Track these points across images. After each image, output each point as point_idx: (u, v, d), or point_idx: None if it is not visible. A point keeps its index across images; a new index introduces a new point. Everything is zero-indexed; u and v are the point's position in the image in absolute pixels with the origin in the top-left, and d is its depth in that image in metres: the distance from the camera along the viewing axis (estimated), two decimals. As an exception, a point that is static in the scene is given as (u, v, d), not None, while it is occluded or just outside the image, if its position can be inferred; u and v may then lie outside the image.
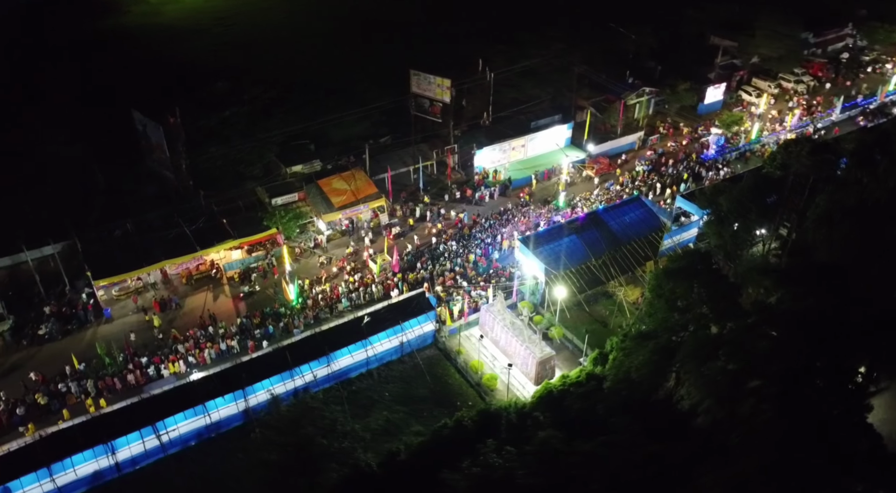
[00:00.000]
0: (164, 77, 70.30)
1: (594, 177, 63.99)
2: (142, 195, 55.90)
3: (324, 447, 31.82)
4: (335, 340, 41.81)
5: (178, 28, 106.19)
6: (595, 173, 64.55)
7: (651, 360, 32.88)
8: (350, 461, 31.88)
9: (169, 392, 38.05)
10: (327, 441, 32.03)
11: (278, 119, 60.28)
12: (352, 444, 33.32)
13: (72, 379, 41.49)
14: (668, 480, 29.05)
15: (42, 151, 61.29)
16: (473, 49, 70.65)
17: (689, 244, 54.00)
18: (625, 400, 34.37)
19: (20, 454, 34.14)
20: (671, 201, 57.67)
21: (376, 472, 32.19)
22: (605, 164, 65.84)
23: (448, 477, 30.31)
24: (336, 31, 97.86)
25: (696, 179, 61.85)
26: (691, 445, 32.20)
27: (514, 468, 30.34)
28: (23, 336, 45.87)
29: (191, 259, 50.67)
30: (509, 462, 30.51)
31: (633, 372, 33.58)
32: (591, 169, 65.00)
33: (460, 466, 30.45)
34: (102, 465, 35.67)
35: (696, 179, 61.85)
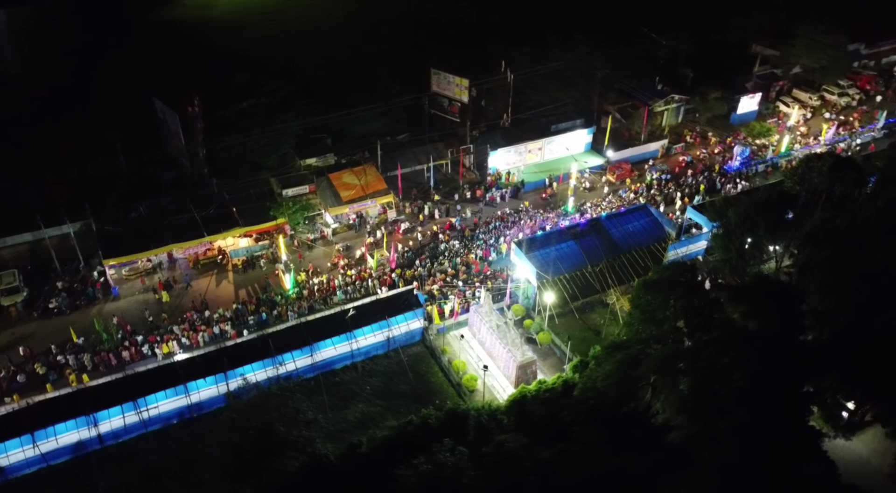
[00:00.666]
0: (196, 68, 72.47)
1: (615, 182, 62.91)
2: (160, 180, 57.86)
3: (281, 434, 32.35)
4: (320, 331, 42.47)
5: (226, 21, 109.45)
6: (616, 179, 63.44)
7: (617, 370, 32.22)
8: (308, 450, 32.31)
9: (152, 370, 39.48)
10: (285, 429, 32.53)
11: (296, 112, 61.36)
12: (311, 433, 33.74)
13: (69, 352, 43.41)
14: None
15: (79, 134, 64.04)
16: (498, 50, 70.17)
17: (699, 257, 52.60)
18: (590, 410, 33.79)
19: (5, 420, 35.95)
20: (681, 212, 56.19)
21: (334, 463, 32.55)
22: (627, 170, 64.60)
23: (399, 473, 30.45)
24: (375, 28, 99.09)
25: (712, 190, 60.00)
26: (661, 460, 31.50)
27: (465, 468, 30.24)
28: (35, 308, 48.27)
29: (197, 244, 52.27)
30: (460, 462, 30.41)
31: (598, 382, 32.98)
32: (612, 174, 63.90)
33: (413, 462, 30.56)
34: (84, 436, 37.16)
35: (712, 190, 60.00)
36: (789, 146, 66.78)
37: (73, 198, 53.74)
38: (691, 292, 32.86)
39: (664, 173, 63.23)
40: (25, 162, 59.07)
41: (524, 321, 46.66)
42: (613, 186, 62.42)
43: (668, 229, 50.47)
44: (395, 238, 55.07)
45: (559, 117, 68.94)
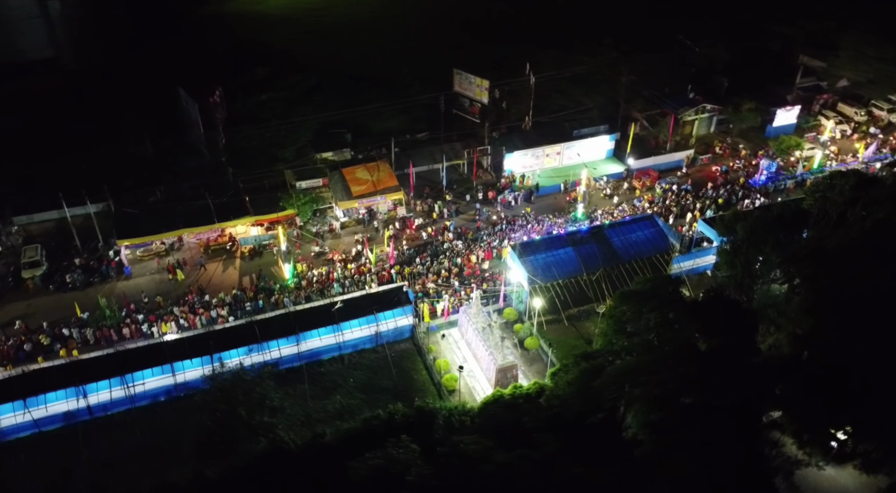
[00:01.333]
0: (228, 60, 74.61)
1: (642, 189, 61.71)
2: (181, 167, 59.92)
3: (244, 418, 33.16)
4: (307, 321, 43.24)
5: (273, 16, 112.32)
6: (641, 186, 62.19)
7: (578, 380, 31.72)
8: (269, 437, 33.05)
9: (142, 348, 41.04)
10: (247, 414, 33.32)
11: (314, 106, 62.64)
12: (275, 420, 34.46)
13: (73, 326, 45.58)
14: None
15: (115, 119, 67.05)
16: (525, 51, 69.76)
17: (707, 271, 51.14)
18: (553, 417, 33.33)
19: (0, 386, 38.12)
20: (692, 225, 54.65)
21: (293, 450, 33.17)
22: (655, 177, 63.20)
23: (350, 465, 30.80)
24: (416, 26, 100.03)
25: (729, 204, 58.06)
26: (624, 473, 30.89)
27: (415, 465, 30.36)
28: (51, 282, 50.84)
29: (208, 230, 53.98)
30: (410, 459, 30.54)
31: (561, 390, 32.54)
32: (638, 181, 62.64)
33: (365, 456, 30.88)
34: (73, 406, 38.96)
35: (729, 204, 58.06)
36: (822, 162, 63.95)
37: (99, 180, 56.24)
38: (664, 305, 31.98)
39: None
40: (62, 144, 62.23)
41: (514, 326, 46.33)
42: (631, 195, 61.10)
43: (673, 241, 49.16)
44: (407, 233, 55.54)
45: (582, 122, 68.03)
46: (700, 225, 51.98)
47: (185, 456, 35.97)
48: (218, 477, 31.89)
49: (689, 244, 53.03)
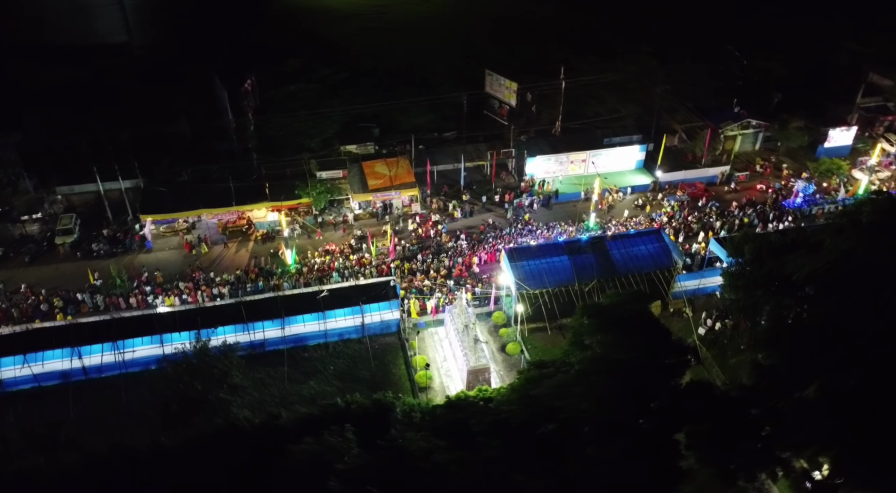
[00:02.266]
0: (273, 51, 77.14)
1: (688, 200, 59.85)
2: (213, 150, 62.64)
3: (199, 392, 34.57)
4: (294, 306, 44.47)
5: (339, 12, 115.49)
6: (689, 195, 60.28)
7: (520, 387, 31.28)
8: (224, 412, 34.37)
9: (136, 318, 43.42)
10: (203, 388, 34.69)
11: (342, 99, 64.10)
12: (230, 397, 35.71)
13: (86, 291, 48.72)
14: None
15: (168, 101, 70.82)
16: (563, 55, 68.76)
17: (715, 292, 48.99)
18: (500, 423, 32.94)
19: (5, 340, 41.30)
20: (704, 244, 52.44)
21: (246, 428, 34.34)
22: (701, 189, 61.01)
23: (289, 448, 31.58)
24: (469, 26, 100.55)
25: (752, 225, 55.24)
26: (553, 486, 30.35)
27: (349, 454, 30.81)
28: (79, 250, 54.49)
29: (225, 212, 56.32)
30: (344, 448, 31.01)
31: (505, 397, 32.19)
32: (682, 191, 60.67)
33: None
34: (68, 366, 41.67)
35: (752, 225, 55.24)
36: (867, 188, 59.75)
37: (138, 157, 59.60)
38: (625, 323, 30.99)
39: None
40: (113, 121, 66.18)
41: (500, 330, 45.98)
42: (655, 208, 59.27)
43: (676, 258, 47.34)
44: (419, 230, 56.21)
45: (616, 131, 66.50)
46: (712, 244, 49.81)
47: (153, 423, 37.89)
48: (171, 447, 33.51)
49: (700, 263, 51.01)
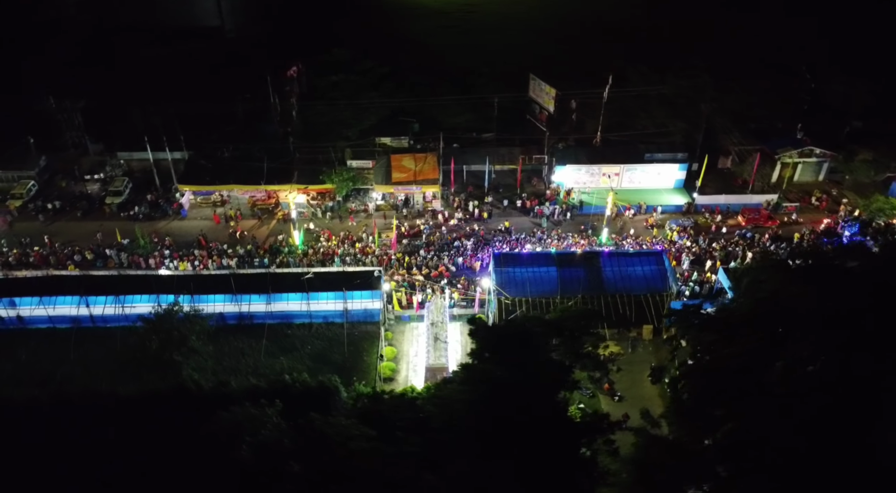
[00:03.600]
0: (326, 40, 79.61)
1: (744, 226, 56.88)
2: (261, 131, 66.14)
3: (153, 351, 37.18)
4: (282, 284, 46.51)
5: (428, 9, 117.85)
6: (746, 223, 57.23)
7: (433, 387, 31.32)
8: (175, 373, 36.84)
9: (140, 277, 47.10)
10: (158, 348, 37.22)
11: (382, 93, 65.67)
12: (183, 359, 38.06)
13: (114, 248, 53.32)
14: None
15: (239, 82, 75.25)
16: (617, 64, 66.65)
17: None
18: (423, 420, 33.16)
19: (27, 283, 46.16)
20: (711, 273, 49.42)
21: (192, 389, 36.64)
22: (765, 216, 57.67)
23: (216, 414, 33.37)
24: (549, 29, 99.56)
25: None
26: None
27: (268, 427, 32.20)
28: (123, 210, 59.60)
29: (255, 190, 59.53)
30: (266, 421, 32.41)
31: (426, 394, 32.35)
32: (743, 218, 57.76)
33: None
34: (76, 312, 45.95)
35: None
36: (926, 233, 53.78)
37: (192, 131, 64.07)
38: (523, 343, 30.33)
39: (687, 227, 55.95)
40: (180, 97, 71.38)
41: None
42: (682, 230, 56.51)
43: (671, 284, 45.05)
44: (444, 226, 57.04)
45: (661, 147, 63.84)
46: (720, 274, 46.95)
47: (118, 373, 41.12)
48: (125, 396, 36.51)
49: (709, 293, 48.13)
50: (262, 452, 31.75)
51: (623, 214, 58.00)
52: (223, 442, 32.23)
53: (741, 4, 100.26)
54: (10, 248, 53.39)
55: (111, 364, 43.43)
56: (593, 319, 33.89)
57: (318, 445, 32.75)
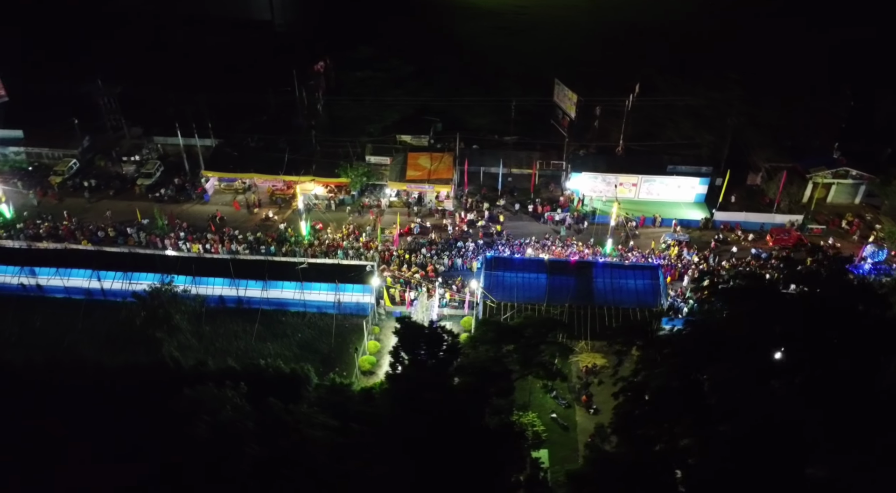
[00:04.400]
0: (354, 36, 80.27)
1: (771, 246, 54.88)
2: (290, 123, 68.05)
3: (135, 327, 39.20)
4: (278, 272, 47.90)
5: (480, 9, 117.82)
6: (772, 243, 55.26)
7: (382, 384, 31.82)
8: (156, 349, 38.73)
9: (147, 256, 49.46)
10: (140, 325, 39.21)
11: (406, 91, 66.35)
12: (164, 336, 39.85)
13: (133, 226, 56.13)
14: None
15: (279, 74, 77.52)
16: (649, 73, 65.24)
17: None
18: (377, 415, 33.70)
19: (45, 254, 49.29)
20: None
21: (169, 365, 38.39)
22: (794, 237, 55.20)
23: (185, 391, 34.84)
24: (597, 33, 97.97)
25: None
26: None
27: (227, 408, 33.43)
28: (151, 192, 62.56)
29: (274, 179, 61.36)
30: (228, 402, 33.65)
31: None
32: (770, 238, 55.67)
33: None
34: (89, 285, 48.68)
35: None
36: (962, 267, 50.34)
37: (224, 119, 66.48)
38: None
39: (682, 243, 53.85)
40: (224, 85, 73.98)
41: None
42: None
43: (663, 300, 43.88)
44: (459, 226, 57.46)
45: (686, 159, 62.11)
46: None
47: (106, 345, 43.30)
48: (109, 367, 38.73)
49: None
50: (219, 431, 32.98)
51: (626, 225, 56.63)
52: (182, 418, 33.64)
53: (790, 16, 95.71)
54: (42, 221, 56.94)
55: (112, 336, 45.99)
56: (554, 328, 33.52)
57: (275, 430, 33.79)
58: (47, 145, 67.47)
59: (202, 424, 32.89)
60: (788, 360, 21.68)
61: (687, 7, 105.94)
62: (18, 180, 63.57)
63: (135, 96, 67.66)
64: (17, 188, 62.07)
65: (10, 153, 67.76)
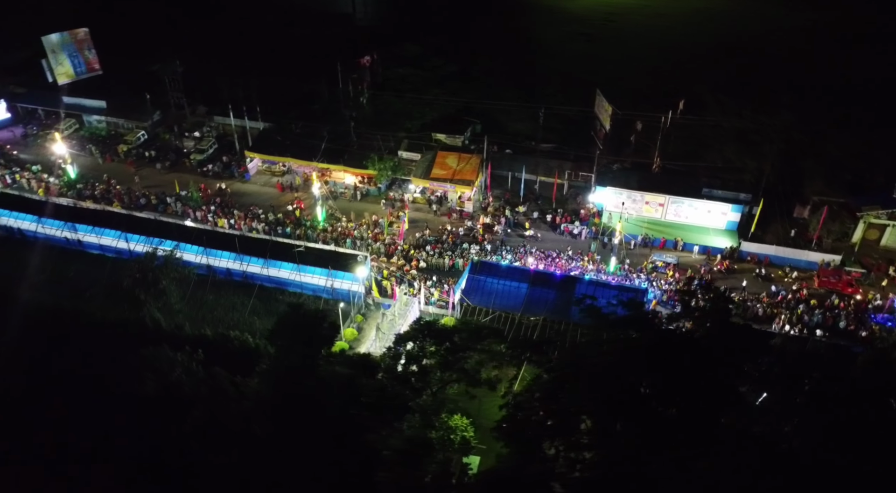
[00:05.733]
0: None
1: (819, 288, 50.61)
2: (335, 113, 70.69)
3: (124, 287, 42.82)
4: (279, 253, 50.30)
5: (571, 14, 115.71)
6: (818, 286, 51.04)
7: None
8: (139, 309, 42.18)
9: (170, 225, 53.49)
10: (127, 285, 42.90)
11: (446, 91, 66.89)
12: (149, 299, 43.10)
13: (172, 197, 60.67)
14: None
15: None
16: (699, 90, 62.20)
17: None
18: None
19: (84, 212, 54.54)
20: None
21: (150, 327, 41.66)
22: (846, 282, 50.31)
23: (144, 351, 37.55)
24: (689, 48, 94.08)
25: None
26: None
27: (177, 370, 35.96)
28: (200, 167, 67.22)
29: (307, 165, 64.10)
30: (175, 364, 36.16)
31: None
32: (817, 279, 51.59)
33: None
34: (117, 245, 53.34)
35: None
36: None
37: (276, 103, 70.08)
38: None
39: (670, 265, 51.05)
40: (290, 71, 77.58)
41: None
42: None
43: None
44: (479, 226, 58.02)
45: (724, 183, 58.79)
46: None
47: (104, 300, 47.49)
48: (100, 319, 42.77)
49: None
50: (165, 391, 35.64)
51: (628, 243, 54.58)
52: (139, 375, 36.52)
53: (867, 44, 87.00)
54: (97, 185, 62.77)
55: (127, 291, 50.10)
56: (489, 337, 33.30)
57: (217, 397, 36.01)
58: (124, 116, 74.01)
59: (150, 382, 35.65)
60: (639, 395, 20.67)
61: (776, 25, 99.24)
62: (93, 146, 70.31)
63: (201, 77, 72.72)
64: (90, 154, 68.75)
65: (93, 121, 75.01)
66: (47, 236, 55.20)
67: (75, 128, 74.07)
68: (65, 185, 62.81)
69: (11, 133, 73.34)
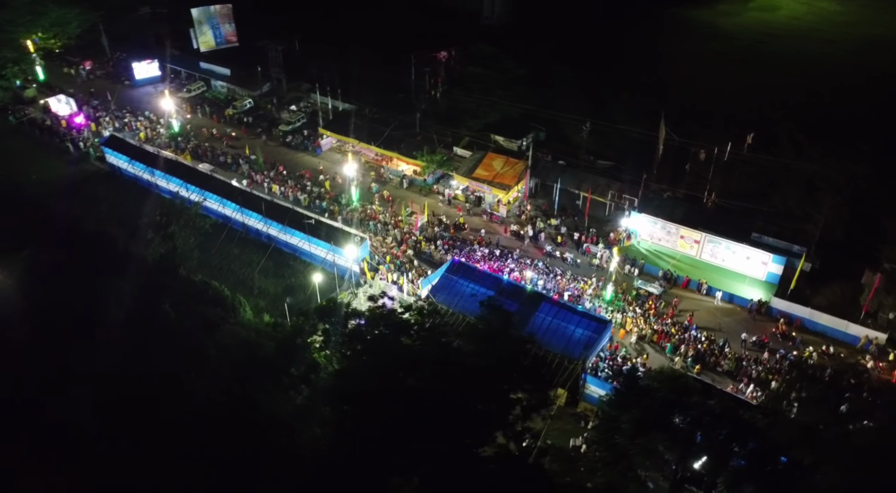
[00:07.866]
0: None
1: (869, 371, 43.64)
2: (411, 104, 73.06)
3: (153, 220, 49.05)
4: (296, 222, 54.00)
5: (722, 32, 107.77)
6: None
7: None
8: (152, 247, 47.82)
9: (217, 181, 59.51)
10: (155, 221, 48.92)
11: (512, 93, 66.08)
12: (160, 240, 48.42)
13: (242, 159, 67.07)
14: None
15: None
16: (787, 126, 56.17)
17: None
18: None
19: (154, 157, 62.53)
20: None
21: (149, 261, 47.07)
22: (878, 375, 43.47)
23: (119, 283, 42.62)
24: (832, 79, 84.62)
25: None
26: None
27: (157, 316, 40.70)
28: (283, 137, 73.26)
29: (367, 148, 67.35)
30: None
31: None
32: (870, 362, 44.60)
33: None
34: (178, 191, 60.40)
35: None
36: None
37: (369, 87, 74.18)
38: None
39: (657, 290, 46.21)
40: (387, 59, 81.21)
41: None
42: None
43: (589, 357, 39.76)
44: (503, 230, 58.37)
45: (782, 231, 52.78)
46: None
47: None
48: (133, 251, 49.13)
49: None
50: (126, 325, 40.46)
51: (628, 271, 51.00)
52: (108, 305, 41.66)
53: None
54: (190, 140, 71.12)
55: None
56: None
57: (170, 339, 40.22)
58: (239, 85, 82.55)
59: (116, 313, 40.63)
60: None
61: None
62: (208, 106, 79.48)
63: (308, 57, 78.84)
64: (203, 113, 77.89)
65: (218, 86, 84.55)
66: (135, 176, 64.00)
67: (203, 90, 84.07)
68: (168, 136, 71.98)
69: (154, 88, 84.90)
